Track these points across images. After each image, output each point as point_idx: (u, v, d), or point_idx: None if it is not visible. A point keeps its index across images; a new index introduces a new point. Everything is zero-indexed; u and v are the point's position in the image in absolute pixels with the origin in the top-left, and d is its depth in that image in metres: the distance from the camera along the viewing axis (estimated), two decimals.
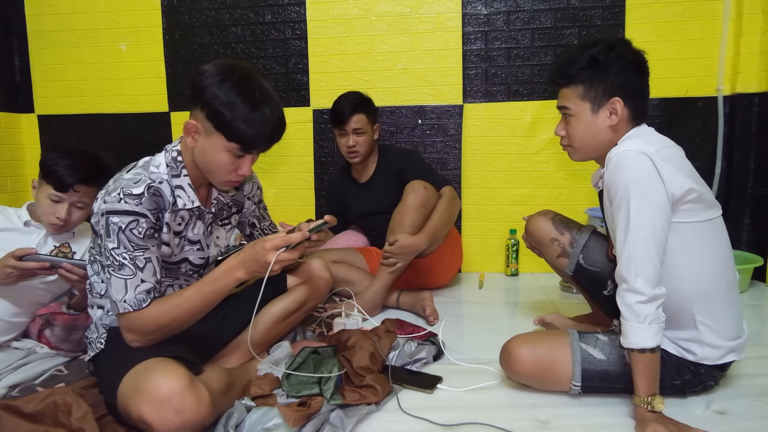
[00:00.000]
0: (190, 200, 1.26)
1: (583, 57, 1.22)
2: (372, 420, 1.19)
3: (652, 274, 1.09)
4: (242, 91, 1.13)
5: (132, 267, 1.14)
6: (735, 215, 2.39)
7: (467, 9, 2.50)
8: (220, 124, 1.14)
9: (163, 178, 1.22)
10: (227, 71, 1.15)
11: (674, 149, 1.19)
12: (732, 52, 2.35)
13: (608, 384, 1.23)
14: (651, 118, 2.43)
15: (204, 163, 1.22)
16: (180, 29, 2.67)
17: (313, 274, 1.50)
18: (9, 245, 1.41)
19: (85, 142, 2.74)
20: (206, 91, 1.14)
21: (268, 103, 1.16)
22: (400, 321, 1.72)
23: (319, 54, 2.61)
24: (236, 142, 1.16)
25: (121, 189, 1.14)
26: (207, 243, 1.35)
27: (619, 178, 1.11)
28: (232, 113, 1.13)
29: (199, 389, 1.05)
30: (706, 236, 1.17)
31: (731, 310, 1.20)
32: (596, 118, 1.23)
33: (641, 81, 1.23)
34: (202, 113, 1.16)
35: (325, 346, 1.44)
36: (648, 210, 1.09)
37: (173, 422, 1.00)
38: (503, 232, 2.57)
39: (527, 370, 1.27)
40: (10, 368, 1.38)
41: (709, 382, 1.23)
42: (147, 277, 1.15)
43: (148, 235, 1.16)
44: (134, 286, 1.14)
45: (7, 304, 1.47)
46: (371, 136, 2.17)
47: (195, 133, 1.19)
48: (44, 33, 2.76)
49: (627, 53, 1.21)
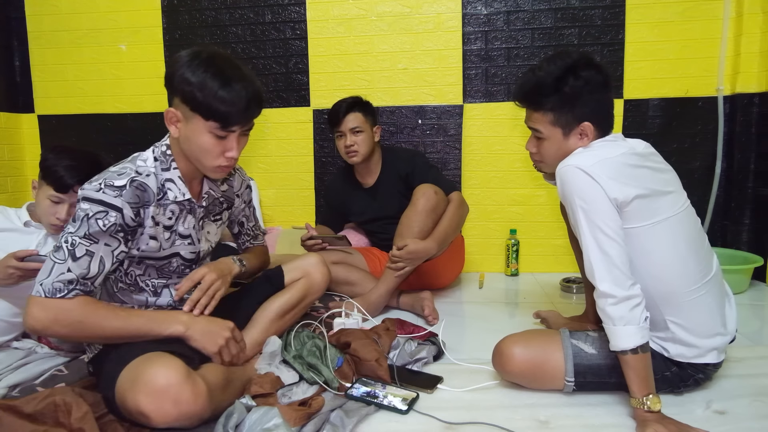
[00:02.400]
0: (180, 192, 1.25)
1: (550, 84, 1.22)
2: (372, 420, 1.19)
3: (617, 276, 1.11)
4: (209, 67, 1.13)
5: (66, 252, 1.11)
6: (735, 215, 2.39)
7: (467, 9, 2.50)
8: (195, 105, 1.14)
9: (150, 171, 1.21)
10: (194, 53, 1.16)
11: (622, 157, 1.17)
12: (732, 52, 2.35)
13: (600, 378, 1.23)
14: (651, 118, 2.44)
15: (190, 150, 1.20)
16: (180, 29, 2.67)
17: (311, 270, 1.51)
18: (9, 245, 1.41)
19: (85, 142, 2.74)
20: (176, 75, 1.15)
21: (239, 77, 1.16)
22: (401, 321, 1.72)
23: (319, 54, 2.61)
24: (214, 120, 1.14)
25: (104, 179, 1.14)
26: (198, 237, 1.34)
27: (565, 192, 1.17)
28: (204, 91, 1.12)
29: (197, 381, 1.05)
30: (661, 238, 1.17)
31: (704, 308, 1.19)
32: (567, 140, 1.26)
33: (607, 99, 1.27)
34: (178, 98, 1.17)
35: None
36: (594, 217, 1.13)
37: (170, 413, 1.01)
38: (503, 232, 2.57)
39: (520, 369, 1.27)
40: (10, 368, 1.38)
41: (698, 375, 1.23)
42: (75, 268, 1.11)
43: (112, 231, 1.13)
44: (57, 273, 1.10)
45: (7, 304, 1.48)
46: (370, 136, 2.14)
47: (176, 121, 1.19)
48: (44, 33, 2.76)
49: (592, 76, 1.22)
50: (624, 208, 1.14)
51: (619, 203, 1.13)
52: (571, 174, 1.15)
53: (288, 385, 1.32)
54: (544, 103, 1.25)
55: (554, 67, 1.23)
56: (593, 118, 1.24)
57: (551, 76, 1.22)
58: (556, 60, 1.24)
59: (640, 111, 2.45)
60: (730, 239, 2.41)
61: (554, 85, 1.22)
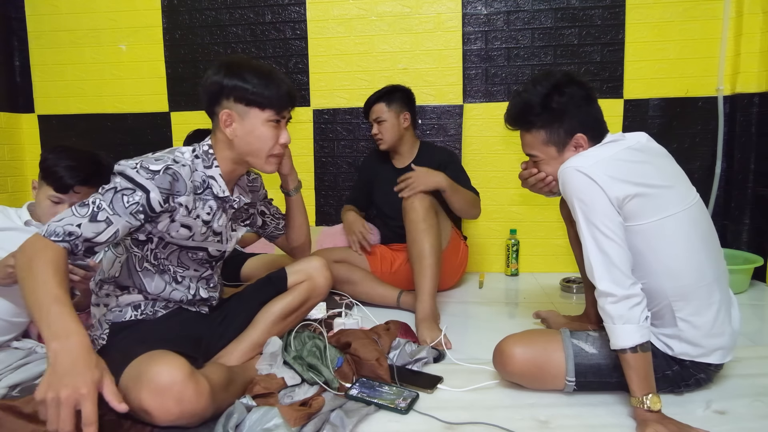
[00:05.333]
0: (221, 189, 1.31)
1: (538, 103, 1.29)
2: (372, 420, 1.19)
3: (616, 276, 1.12)
4: (250, 68, 1.27)
5: (89, 211, 1.11)
6: (735, 215, 2.39)
7: (467, 9, 2.50)
8: (251, 99, 1.26)
9: (187, 163, 1.25)
10: (224, 63, 1.29)
11: (621, 153, 1.20)
12: (732, 52, 2.36)
13: (601, 378, 1.24)
14: (651, 118, 2.44)
15: (248, 145, 1.29)
16: (180, 29, 2.67)
17: (314, 273, 1.51)
18: (10, 245, 1.41)
19: (85, 142, 2.73)
20: (224, 83, 1.26)
21: (274, 70, 1.32)
22: (406, 327, 1.69)
23: (319, 54, 2.61)
24: (270, 108, 1.27)
25: (142, 161, 1.19)
26: (227, 236, 1.40)
27: (567, 192, 1.19)
28: (255, 85, 1.25)
29: (200, 380, 1.06)
30: (673, 233, 1.18)
31: (714, 305, 1.20)
32: (563, 154, 1.31)
33: (595, 109, 1.31)
34: (229, 101, 1.27)
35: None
36: (593, 216, 1.14)
37: (173, 411, 1.01)
38: (503, 232, 2.57)
39: (521, 369, 1.27)
40: (10, 368, 1.38)
41: (699, 375, 1.23)
42: (86, 229, 1.09)
43: (133, 210, 1.14)
44: (66, 222, 1.08)
45: (7, 304, 1.47)
46: (393, 123, 2.20)
47: (231, 122, 1.27)
48: (44, 33, 2.76)
49: (576, 92, 1.28)
50: (626, 204, 1.15)
51: (619, 201, 1.14)
52: (570, 175, 1.18)
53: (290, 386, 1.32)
54: (534, 121, 1.31)
55: (540, 87, 1.30)
56: (584, 129, 1.28)
57: (538, 96, 1.29)
58: (541, 80, 1.31)
59: (640, 111, 2.45)
60: (730, 239, 2.40)
61: (542, 103, 1.29)
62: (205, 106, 1.31)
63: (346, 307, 1.93)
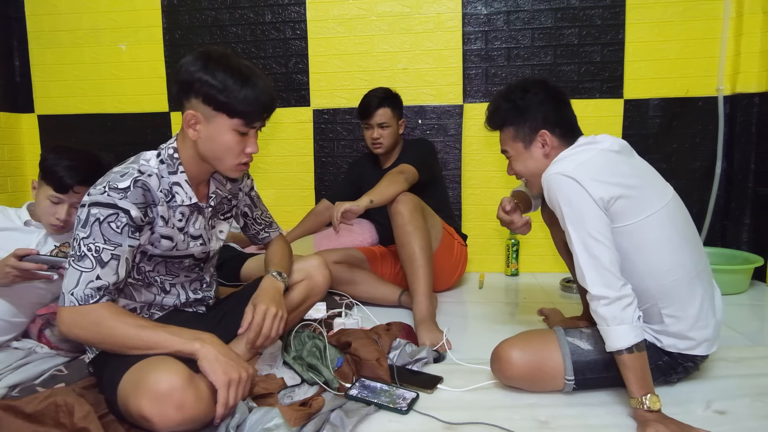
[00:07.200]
0: (187, 197, 1.26)
1: (506, 103, 1.38)
2: (372, 420, 1.19)
3: (607, 278, 1.13)
4: (227, 68, 1.16)
5: (93, 260, 1.10)
6: (735, 215, 2.39)
7: (467, 9, 2.50)
8: (220, 104, 1.16)
9: (153, 172, 1.21)
10: (205, 55, 1.18)
11: (600, 156, 1.22)
12: (732, 52, 2.36)
13: (599, 374, 1.24)
14: (651, 118, 2.44)
15: (211, 150, 1.21)
16: (180, 29, 2.67)
17: (313, 272, 1.50)
18: (9, 245, 1.41)
19: (85, 142, 2.73)
20: (195, 79, 1.16)
21: (255, 74, 1.19)
22: (408, 328, 1.68)
23: (319, 54, 2.61)
24: (239, 117, 1.17)
25: (108, 182, 1.14)
26: (209, 237, 1.36)
27: (553, 199, 1.21)
28: (227, 90, 1.15)
29: (199, 385, 1.05)
30: (655, 231, 1.19)
31: (698, 298, 1.21)
32: (531, 152, 1.36)
33: (561, 109, 1.35)
34: (197, 100, 1.17)
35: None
36: (582, 220, 1.16)
37: (174, 418, 1.00)
38: (503, 232, 2.57)
39: (520, 373, 1.27)
40: (10, 368, 1.38)
41: (686, 364, 1.26)
42: (104, 275, 1.11)
43: (128, 232, 1.14)
44: (87, 281, 1.09)
45: (7, 304, 1.47)
46: (395, 129, 2.23)
47: (195, 123, 1.19)
48: (44, 33, 2.76)
49: (541, 92, 1.35)
50: (611, 206, 1.16)
51: (605, 202, 1.16)
52: (555, 181, 1.19)
53: (290, 386, 1.32)
54: (503, 119, 1.38)
55: (509, 88, 1.40)
56: (548, 127, 1.32)
57: (506, 95, 1.38)
58: (514, 84, 1.40)
59: (640, 111, 2.45)
60: (730, 239, 2.41)
61: (507, 101, 1.37)
62: (174, 92, 1.23)
63: (346, 307, 1.93)
